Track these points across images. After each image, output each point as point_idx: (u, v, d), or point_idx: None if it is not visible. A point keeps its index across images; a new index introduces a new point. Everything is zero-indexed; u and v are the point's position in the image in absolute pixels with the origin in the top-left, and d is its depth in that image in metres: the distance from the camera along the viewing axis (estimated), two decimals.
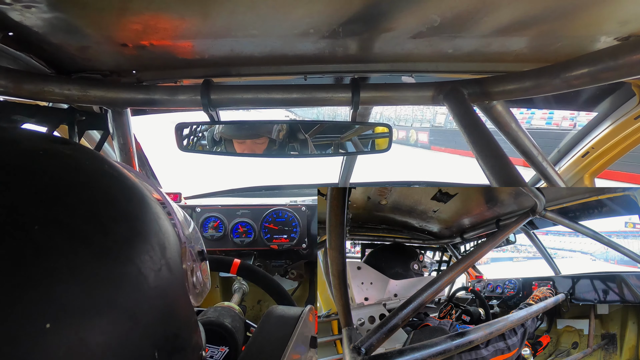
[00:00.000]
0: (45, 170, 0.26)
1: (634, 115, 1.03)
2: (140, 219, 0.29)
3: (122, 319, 0.24)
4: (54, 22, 0.60)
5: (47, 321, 0.20)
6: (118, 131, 0.99)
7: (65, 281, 0.22)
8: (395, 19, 0.61)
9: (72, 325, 0.21)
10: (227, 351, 0.68)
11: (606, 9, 0.57)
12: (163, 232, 0.30)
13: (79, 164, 0.29)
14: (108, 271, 0.24)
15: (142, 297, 0.26)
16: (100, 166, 0.30)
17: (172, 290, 0.29)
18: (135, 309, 0.25)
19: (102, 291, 0.23)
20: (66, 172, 0.27)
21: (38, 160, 0.26)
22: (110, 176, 0.30)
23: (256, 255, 1.61)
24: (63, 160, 0.28)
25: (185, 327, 0.31)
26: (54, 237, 0.23)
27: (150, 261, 0.27)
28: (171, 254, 0.30)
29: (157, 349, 0.26)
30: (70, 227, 0.24)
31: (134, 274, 0.25)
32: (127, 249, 0.26)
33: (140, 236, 0.28)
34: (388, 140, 1.04)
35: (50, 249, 0.22)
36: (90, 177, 0.28)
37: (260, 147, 1.06)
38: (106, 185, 0.29)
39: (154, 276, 0.27)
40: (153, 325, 0.26)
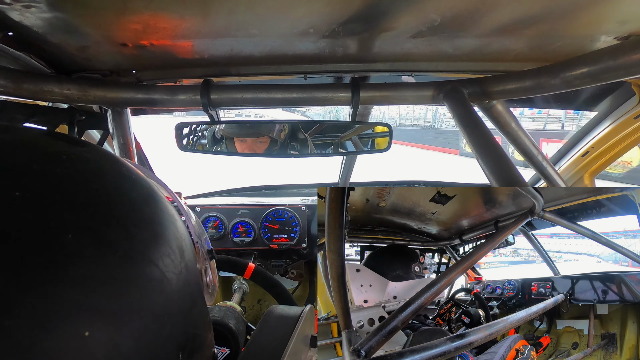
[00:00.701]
0: (70, 175, 0.26)
1: (633, 115, 1.03)
2: (159, 222, 0.29)
3: (150, 322, 0.24)
4: (53, 22, 0.60)
5: (86, 329, 0.21)
6: (118, 131, 0.99)
7: (97, 288, 0.22)
8: (395, 18, 0.61)
9: (107, 331, 0.22)
10: (227, 353, 0.68)
11: (606, 8, 0.57)
12: (180, 234, 0.31)
13: (100, 167, 0.29)
14: (135, 276, 0.25)
15: (167, 299, 0.26)
16: (119, 169, 0.30)
17: (191, 292, 0.30)
18: (161, 312, 0.25)
19: (131, 295, 0.24)
20: (90, 176, 0.28)
21: (62, 165, 0.26)
22: (129, 179, 0.30)
23: (256, 255, 1.61)
24: (85, 164, 0.28)
25: (202, 326, 0.31)
26: (84, 244, 0.23)
27: (172, 264, 0.27)
28: (188, 255, 0.31)
29: (181, 350, 0.27)
30: (98, 233, 0.24)
31: (158, 277, 0.26)
32: (151, 253, 0.26)
33: (161, 240, 0.28)
34: (388, 139, 1.04)
35: (82, 257, 0.22)
36: (111, 182, 0.29)
37: (261, 147, 1.06)
38: (127, 189, 0.29)
39: (176, 279, 0.27)
40: (177, 327, 0.27)
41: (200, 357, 0.30)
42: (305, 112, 21.20)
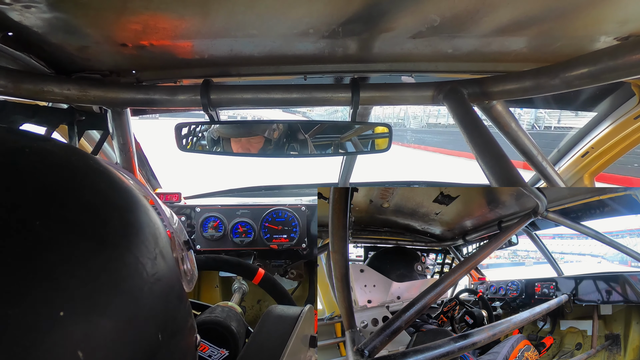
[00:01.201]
0: (35, 167, 0.27)
1: (633, 115, 1.03)
2: (131, 210, 0.30)
3: (127, 304, 0.25)
4: (53, 22, 0.60)
5: (60, 309, 0.21)
6: (118, 131, 0.99)
7: (70, 271, 0.23)
8: (395, 19, 0.61)
9: (84, 312, 0.22)
10: (226, 355, 0.68)
11: (606, 8, 0.57)
12: (153, 223, 0.32)
13: (66, 159, 0.30)
14: (109, 260, 0.25)
15: (143, 283, 0.27)
16: (85, 162, 0.31)
17: (167, 277, 0.30)
18: (137, 294, 0.26)
19: (107, 279, 0.24)
20: (56, 168, 0.28)
21: (27, 158, 0.27)
22: (97, 171, 0.31)
23: (256, 255, 1.61)
24: (51, 157, 0.29)
25: (181, 310, 0.32)
26: (55, 231, 0.24)
27: (145, 250, 0.28)
28: (163, 243, 0.32)
29: (160, 331, 0.27)
30: (69, 220, 0.25)
31: (133, 261, 0.27)
32: (124, 239, 0.27)
33: (134, 227, 0.29)
34: (388, 140, 1.04)
35: (53, 242, 0.23)
36: (78, 173, 0.29)
37: (255, 146, 1.06)
38: (95, 180, 0.30)
39: (151, 264, 0.28)
40: (155, 309, 0.28)
41: (181, 339, 0.31)
42: (306, 112, 21.25)
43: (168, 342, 0.28)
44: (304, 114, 21.95)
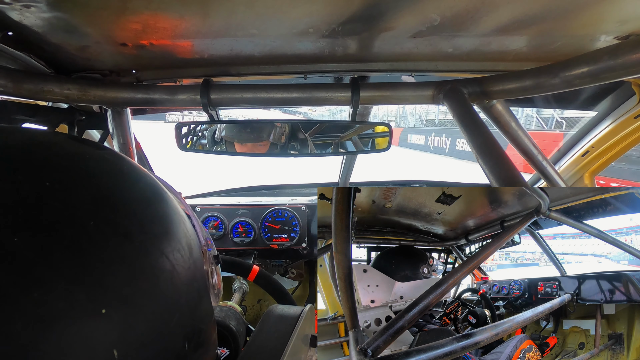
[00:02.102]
0: (92, 173, 0.29)
1: (633, 114, 1.03)
2: (171, 220, 0.31)
3: (161, 309, 0.26)
4: (53, 22, 0.60)
5: (103, 307, 0.23)
6: (118, 131, 0.99)
7: (115, 271, 0.24)
8: (395, 18, 0.61)
9: (124, 312, 0.24)
10: (227, 354, 0.68)
11: (606, 8, 0.57)
12: (189, 234, 0.33)
13: (118, 168, 0.32)
14: (148, 265, 0.26)
15: (176, 291, 0.28)
16: (135, 170, 0.33)
17: (199, 288, 0.31)
18: (170, 301, 0.27)
19: (145, 282, 0.26)
20: (109, 175, 0.30)
21: (86, 164, 0.29)
22: (143, 180, 0.33)
23: (256, 255, 1.61)
24: (105, 164, 0.31)
25: (207, 323, 0.33)
26: (105, 232, 0.25)
27: (181, 259, 0.29)
28: (196, 254, 0.32)
29: (187, 340, 0.28)
30: (117, 224, 0.26)
31: (169, 269, 0.28)
32: (163, 246, 0.28)
33: (172, 235, 0.30)
34: (388, 139, 1.04)
35: (103, 242, 0.25)
36: (128, 181, 0.31)
37: (261, 150, 1.07)
38: (142, 189, 0.32)
39: (185, 273, 0.29)
40: (184, 318, 0.28)
41: (204, 352, 0.31)
42: (307, 113, 21.16)
43: (193, 353, 0.29)
44: (305, 114, 21.86)
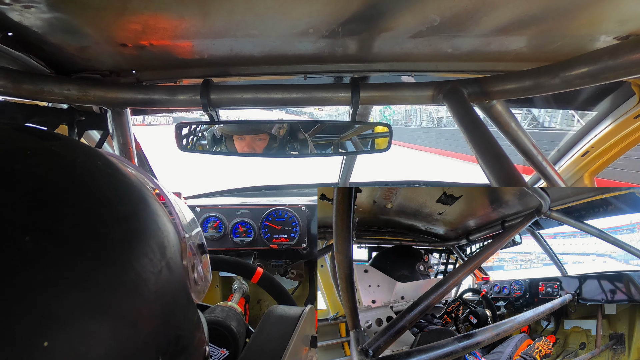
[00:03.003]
0: (31, 172, 0.24)
1: (633, 115, 1.03)
2: (137, 219, 0.28)
3: (122, 328, 0.23)
4: (53, 22, 0.60)
5: (45, 339, 0.19)
6: (118, 131, 0.99)
7: (58, 293, 0.20)
8: (395, 18, 0.61)
9: (71, 341, 0.20)
10: (226, 354, 0.68)
11: (606, 8, 0.57)
12: (162, 230, 0.29)
13: (69, 162, 0.27)
14: (104, 278, 0.23)
15: (143, 302, 0.24)
16: (93, 164, 0.28)
17: (173, 291, 0.28)
18: (135, 316, 0.24)
19: (99, 300, 0.22)
20: (55, 173, 0.26)
21: (24, 162, 0.25)
22: (104, 174, 0.28)
23: (256, 255, 1.61)
24: (52, 159, 0.26)
25: (187, 326, 0.30)
26: (44, 247, 0.21)
27: (149, 264, 0.26)
28: (171, 252, 0.29)
29: (161, 354, 0.25)
30: (60, 234, 0.22)
31: (132, 279, 0.24)
32: (124, 253, 0.25)
33: (137, 238, 0.26)
34: (388, 139, 1.04)
35: (41, 260, 0.21)
36: (81, 178, 0.27)
37: (260, 145, 1.06)
38: (99, 185, 0.27)
39: (154, 279, 0.26)
40: (155, 331, 0.25)
41: (186, 358, 0.29)
42: (313, 114, 20.81)
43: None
44: (310, 114, 21.55)
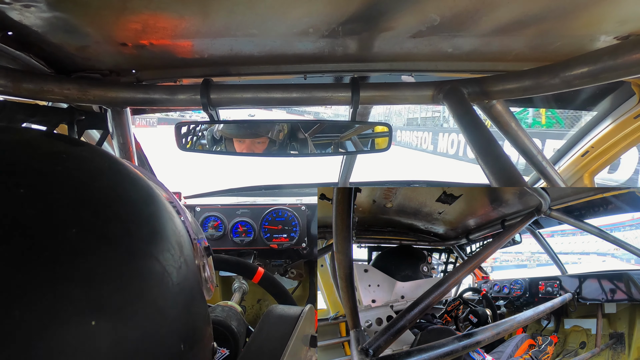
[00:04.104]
0: (70, 174, 0.27)
1: (633, 115, 1.03)
2: (158, 220, 0.30)
3: (153, 315, 0.25)
4: (53, 22, 0.60)
5: (92, 319, 0.22)
6: (118, 130, 0.99)
7: (101, 282, 0.23)
8: (395, 18, 0.61)
9: (113, 322, 0.23)
10: (227, 354, 0.68)
11: (606, 8, 0.57)
12: (178, 231, 0.32)
13: (99, 167, 0.30)
14: (137, 270, 0.25)
15: (168, 293, 0.27)
16: (117, 168, 0.31)
17: (190, 286, 0.31)
18: (163, 305, 0.26)
19: (134, 289, 0.25)
20: (89, 175, 0.28)
21: (62, 164, 0.27)
22: (127, 179, 0.31)
23: (256, 255, 1.61)
24: (84, 163, 0.29)
25: (202, 320, 0.32)
26: (88, 240, 0.24)
27: (172, 259, 0.29)
28: (187, 251, 0.32)
29: (183, 341, 0.28)
30: (100, 229, 0.25)
31: (159, 271, 0.27)
32: (151, 248, 0.27)
33: (160, 236, 0.29)
34: (388, 139, 1.04)
35: (86, 252, 0.23)
36: (110, 181, 0.29)
37: (259, 147, 1.06)
38: (126, 188, 0.30)
39: (176, 273, 0.28)
40: (178, 319, 0.28)
41: (200, 350, 0.31)
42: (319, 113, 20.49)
43: (189, 352, 0.28)
44: (315, 114, 21.21)
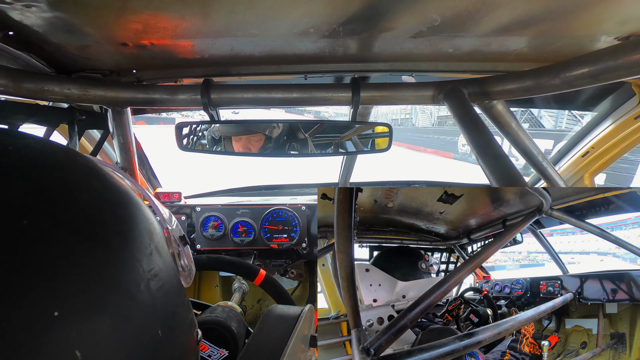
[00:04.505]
0: (20, 165, 0.26)
1: (634, 115, 1.03)
2: (124, 207, 0.29)
3: (124, 301, 0.25)
4: (54, 22, 0.60)
5: (55, 309, 0.21)
6: (118, 130, 0.99)
7: (64, 269, 0.22)
8: (395, 18, 0.61)
9: (79, 311, 0.22)
10: (226, 355, 0.68)
11: (606, 8, 0.57)
12: (147, 219, 0.31)
13: (53, 158, 0.29)
14: (103, 257, 0.25)
15: (139, 279, 0.26)
16: (73, 158, 0.30)
17: (164, 273, 0.30)
18: (134, 291, 0.26)
19: (101, 277, 0.24)
20: (43, 165, 0.27)
21: (9, 156, 0.26)
22: (88, 169, 0.30)
23: (256, 255, 1.61)
24: (36, 154, 0.28)
25: (180, 305, 0.32)
26: (43, 228, 0.23)
27: (140, 246, 0.28)
28: (158, 239, 0.31)
29: (159, 327, 0.27)
30: (59, 218, 0.24)
31: (128, 258, 0.26)
32: (118, 235, 0.27)
33: (127, 223, 0.28)
34: (388, 139, 1.04)
35: (42, 241, 0.22)
36: (65, 169, 0.28)
37: (255, 145, 1.07)
38: (86, 178, 0.29)
39: (146, 260, 0.28)
40: (153, 305, 0.27)
41: (181, 335, 0.31)
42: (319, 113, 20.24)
43: (168, 338, 0.28)
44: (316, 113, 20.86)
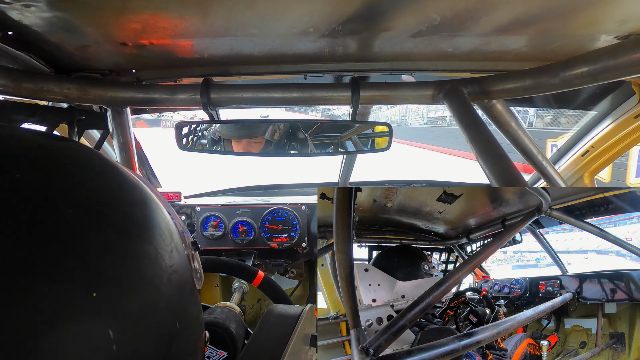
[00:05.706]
0: (59, 163, 0.29)
1: (633, 114, 1.03)
2: (149, 207, 0.32)
3: (150, 291, 0.27)
4: (53, 21, 0.60)
5: (94, 290, 0.23)
6: (118, 130, 0.99)
7: (100, 256, 0.25)
8: (395, 17, 0.61)
9: (114, 295, 0.24)
10: (225, 356, 0.68)
11: (606, 7, 0.57)
12: (167, 220, 0.33)
13: (84, 157, 0.32)
14: (132, 249, 0.27)
15: (162, 272, 0.28)
16: (104, 161, 0.33)
17: (181, 270, 0.32)
18: (158, 283, 0.28)
19: (132, 266, 0.26)
20: (82, 165, 0.30)
21: (55, 156, 0.29)
22: (114, 170, 0.33)
23: (256, 255, 1.61)
24: (72, 154, 0.31)
25: (194, 304, 0.34)
26: (84, 219, 0.25)
27: (163, 243, 0.30)
28: (176, 239, 0.33)
29: (177, 320, 0.29)
30: (96, 211, 0.27)
31: (153, 252, 0.28)
32: (145, 230, 0.29)
33: (152, 221, 0.31)
34: (388, 139, 1.04)
35: (83, 229, 0.25)
36: (99, 169, 0.32)
37: (256, 147, 1.07)
38: (114, 177, 0.32)
39: (168, 256, 0.30)
40: (172, 299, 0.29)
41: (193, 332, 0.32)
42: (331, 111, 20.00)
43: (184, 331, 0.29)
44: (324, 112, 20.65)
